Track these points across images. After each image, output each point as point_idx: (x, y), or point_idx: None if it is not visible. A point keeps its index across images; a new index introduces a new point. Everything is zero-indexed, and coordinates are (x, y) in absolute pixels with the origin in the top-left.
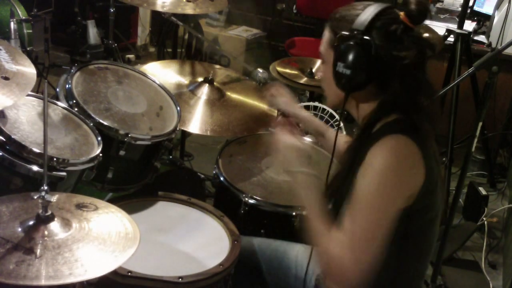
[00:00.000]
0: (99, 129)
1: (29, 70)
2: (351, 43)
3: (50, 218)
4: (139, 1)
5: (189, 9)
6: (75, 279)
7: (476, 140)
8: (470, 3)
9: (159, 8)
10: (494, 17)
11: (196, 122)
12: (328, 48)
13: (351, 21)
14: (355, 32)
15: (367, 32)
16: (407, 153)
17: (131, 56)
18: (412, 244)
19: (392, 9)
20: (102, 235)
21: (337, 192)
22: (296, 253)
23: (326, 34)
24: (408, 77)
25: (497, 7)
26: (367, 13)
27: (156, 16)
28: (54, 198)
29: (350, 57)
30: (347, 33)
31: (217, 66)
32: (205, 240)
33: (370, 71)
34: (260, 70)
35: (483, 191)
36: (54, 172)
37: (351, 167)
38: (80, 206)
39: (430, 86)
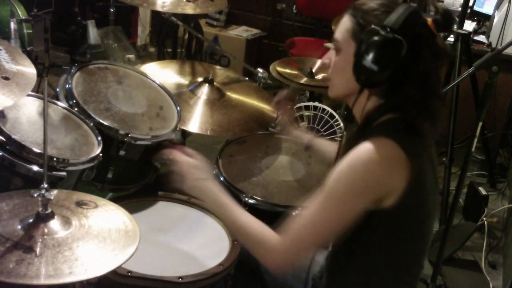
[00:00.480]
0: (99, 129)
1: (29, 70)
2: (382, 39)
3: (50, 216)
4: (139, 1)
5: (189, 9)
6: (75, 278)
7: (476, 140)
8: (470, 3)
9: (159, 8)
10: (494, 17)
11: (196, 122)
12: (349, 38)
13: (380, 17)
14: (388, 29)
15: (398, 31)
16: (385, 157)
17: (131, 56)
18: (402, 244)
19: (419, 13)
20: (102, 233)
21: None
22: None
23: (347, 23)
24: (424, 82)
25: (497, 7)
26: (400, 12)
27: (156, 16)
28: (53, 194)
29: (379, 53)
30: (377, 27)
31: (217, 67)
32: (205, 240)
33: (393, 71)
34: (260, 70)
35: (483, 191)
36: (54, 172)
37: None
38: (80, 204)
39: (440, 91)
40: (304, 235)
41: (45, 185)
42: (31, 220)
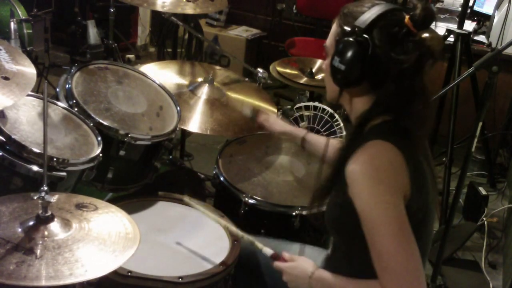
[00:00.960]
0: (99, 129)
1: (29, 70)
2: (350, 39)
3: (50, 219)
4: (139, 1)
5: (189, 9)
6: (76, 280)
7: (476, 140)
8: (470, 3)
9: (159, 8)
10: (494, 17)
11: (196, 122)
12: (333, 41)
13: (356, 18)
14: (356, 29)
15: (367, 30)
16: (384, 159)
17: (131, 56)
18: None
19: (400, 11)
20: (102, 235)
21: (328, 191)
22: (294, 252)
23: (334, 28)
24: (403, 81)
25: (497, 7)
26: (372, 12)
27: (156, 16)
28: (54, 198)
29: (347, 53)
30: (348, 29)
31: (217, 67)
32: (205, 240)
33: (364, 70)
34: (260, 70)
35: (483, 191)
36: (54, 172)
37: (339, 169)
38: (80, 206)
39: (425, 92)
40: (402, 269)
41: (45, 188)
42: (31, 223)
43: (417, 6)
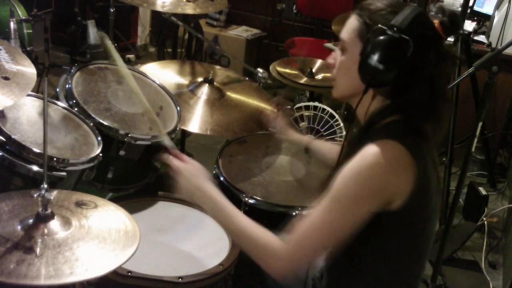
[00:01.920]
0: (99, 129)
1: (29, 70)
2: (389, 38)
3: (50, 217)
4: (139, 1)
5: (189, 9)
6: (76, 279)
7: (476, 140)
8: (470, 3)
9: (159, 8)
10: (494, 17)
11: (196, 122)
12: (355, 37)
13: (387, 16)
14: (395, 28)
15: (406, 31)
16: (393, 160)
17: (131, 56)
18: (405, 245)
19: (426, 14)
20: (102, 233)
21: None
22: None
23: (354, 23)
24: (430, 84)
25: (497, 7)
26: (407, 12)
27: (156, 16)
28: (53, 196)
29: (386, 52)
30: (384, 27)
31: (217, 67)
32: (205, 240)
33: (399, 71)
34: (260, 70)
35: (483, 191)
36: (54, 172)
37: (344, 163)
38: (79, 204)
39: (446, 96)
40: (308, 240)
41: (45, 186)
42: (31, 221)
43: (446, 12)
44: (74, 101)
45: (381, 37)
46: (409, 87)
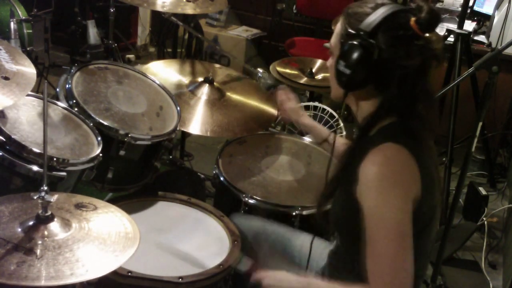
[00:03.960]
0: (99, 129)
1: (29, 70)
2: (355, 43)
3: (50, 218)
4: (139, 1)
5: (189, 9)
6: (77, 279)
7: (476, 140)
8: (470, 3)
9: (159, 8)
10: (494, 17)
11: (196, 123)
12: (337, 41)
13: (360, 20)
14: (361, 32)
15: (373, 34)
16: (399, 162)
17: (131, 56)
18: (417, 244)
19: (405, 13)
20: (102, 234)
21: (334, 190)
22: (302, 242)
23: (338, 27)
24: (407, 84)
25: (497, 7)
26: (377, 14)
27: (156, 16)
28: (53, 198)
29: (352, 57)
30: (353, 31)
31: (217, 65)
32: (205, 240)
33: (369, 74)
34: (260, 70)
35: (483, 191)
36: (54, 172)
37: (347, 170)
38: (79, 206)
39: (429, 95)
40: (397, 273)
41: (45, 188)
42: (31, 223)
43: (423, 9)
44: (74, 101)
45: (348, 42)
46: (387, 88)
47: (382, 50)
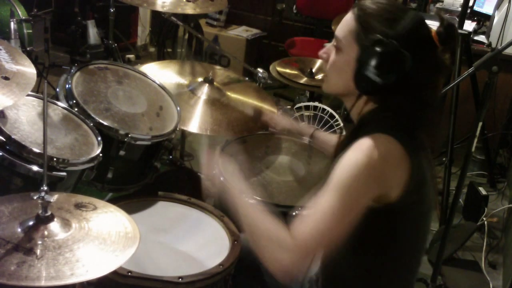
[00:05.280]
0: (99, 129)
1: (29, 70)
2: (388, 51)
3: (50, 219)
4: (139, 1)
5: (189, 9)
6: (77, 279)
7: (476, 140)
8: (470, 3)
9: (159, 8)
10: (494, 17)
11: (196, 122)
12: (352, 40)
13: (386, 24)
14: (393, 41)
15: (404, 43)
16: (387, 153)
17: (131, 56)
18: (400, 240)
19: (425, 23)
20: (102, 234)
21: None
22: None
23: (351, 24)
24: (418, 93)
25: (497, 7)
26: (407, 21)
27: (156, 16)
28: (53, 198)
29: (384, 65)
30: (383, 38)
31: (217, 67)
32: (205, 240)
33: (394, 82)
34: (260, 70)
35: (483, 191)
36: (54, 172)
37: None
38: (79, 206)
39: (436, 103)
40: (319, 229)
41: (45, 188)
42: (31, 223)
43: (444, 21)
44: (74, 101)
45: (380, 49)
46: (398, 96)
47: (410, 60)
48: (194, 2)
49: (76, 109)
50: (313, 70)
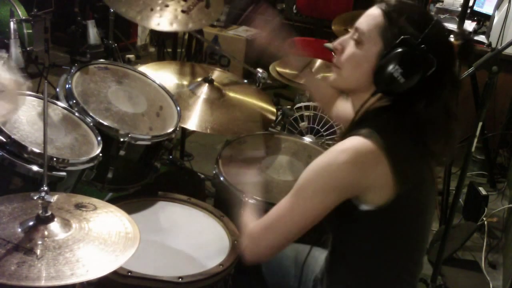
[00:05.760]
0: (99, 129)
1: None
2: (416, 54)
3: (50, 219)
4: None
5: (180, 25)
6: (77, 279)
7: (476, 140)
8: (470, 3)
9: (153, 26)
10: (494, 17)
11: (196, 120)
12: (376, 35)
13: (416, 26)
14: (422, 46)
15: (433, 49)
16: (357, 155)
17: (131, 56)
18: (397, 241)
19: (449, 33)
20: (102, 235)
21: None
22: (296, 253)
23: (378, 18)
24: (434, 101)
25: (497, 7)
26: (435, 28)
27: None
28: (53, 198)
29: (409, 66)
30: (412, 38)
31: (217, 69)
32: (205, 240)
33: (415, 87)
34: (260, 70)
35: (483, 191)
36: (54, 172)
37: None
38: (79, 206)
39: (455, 112)
40: (273, 225)
41: (45, 188)
42: (31, 223)
43: (465, 35)
44: (74, 101)
45: (408, 49)
46: (413, 99)
47: (435, 65)
48: (189, 13)
49: (76, 109)
50: (313, 70)
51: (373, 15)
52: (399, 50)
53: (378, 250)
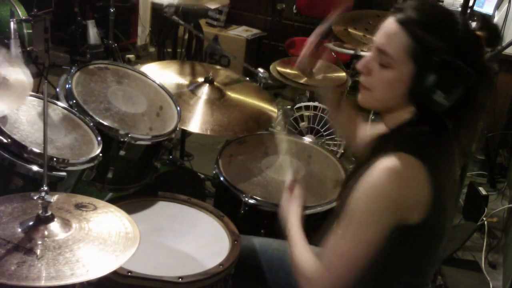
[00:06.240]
0: (99, 129)
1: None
2: (454, 72)
3: (50, 219)
4: None
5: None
6: (77, 279)
7: (476, 140)
8: (470, 3)
9: None
10: (494, 17)
11: (197, 122)
12: (405, 57)
13: (441, 35)
14: (455, 59)
15: (463, 56)
16: (406, 174)
17: (131, 56)
18: (419, 258)
19: (470, 23)
20: (102, 235)
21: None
22: None
23: (402, 39)
24: (469, 111)
25: (497, 7)
26: (459, 29)
27: (156, 16)
28: (53, 198)
29: (448, 85)
30: (445, 56)
31: (217, 67)
32: (205, 240)
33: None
34: (260, 70)
35: (483, 191)
36: (54, 172)
37: (364, 166)
38: (79, 206)
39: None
40: (339, 267)
41: (45, 188)
42: (31, 223)
43: (490, 26)
44: (74, 101)
45: (443, 69)
46: (453, 112)
47: (474, 77)
48: None
49: (76, 109)
50: (313, 70)
51: (394, 33)
52: (435, 71)
53: (393, 265)
